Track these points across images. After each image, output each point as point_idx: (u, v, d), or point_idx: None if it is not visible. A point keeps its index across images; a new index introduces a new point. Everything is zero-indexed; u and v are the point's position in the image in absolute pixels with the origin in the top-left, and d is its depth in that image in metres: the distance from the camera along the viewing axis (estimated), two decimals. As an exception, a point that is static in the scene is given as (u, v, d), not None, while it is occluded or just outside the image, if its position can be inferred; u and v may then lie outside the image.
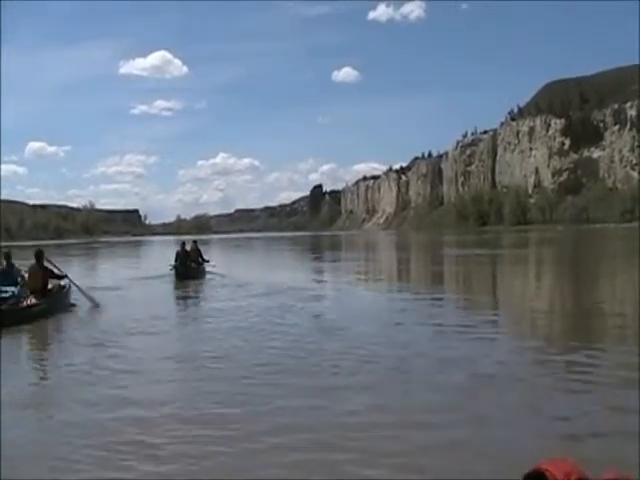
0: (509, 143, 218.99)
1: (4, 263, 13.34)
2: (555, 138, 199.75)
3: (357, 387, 6.75)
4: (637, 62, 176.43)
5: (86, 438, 5.32)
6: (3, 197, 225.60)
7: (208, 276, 21.27)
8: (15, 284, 12.60)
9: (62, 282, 14.02)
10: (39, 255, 13.26)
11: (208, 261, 22.64)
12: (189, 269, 20.76)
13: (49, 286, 13.30)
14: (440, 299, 15.26)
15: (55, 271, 13.72)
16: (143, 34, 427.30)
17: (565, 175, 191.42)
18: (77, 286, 14.38)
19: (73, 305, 13.90)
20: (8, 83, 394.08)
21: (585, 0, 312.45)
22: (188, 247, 21.91)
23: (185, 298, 17.00)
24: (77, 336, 10.48)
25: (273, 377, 7.20)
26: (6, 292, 12.07)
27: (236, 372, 7.52)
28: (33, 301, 12.31)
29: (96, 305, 13.83)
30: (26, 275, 13.11)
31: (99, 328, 11.08)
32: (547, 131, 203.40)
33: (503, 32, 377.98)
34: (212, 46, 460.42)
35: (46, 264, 13.58)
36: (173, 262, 20.78)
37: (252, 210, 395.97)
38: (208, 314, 13.14)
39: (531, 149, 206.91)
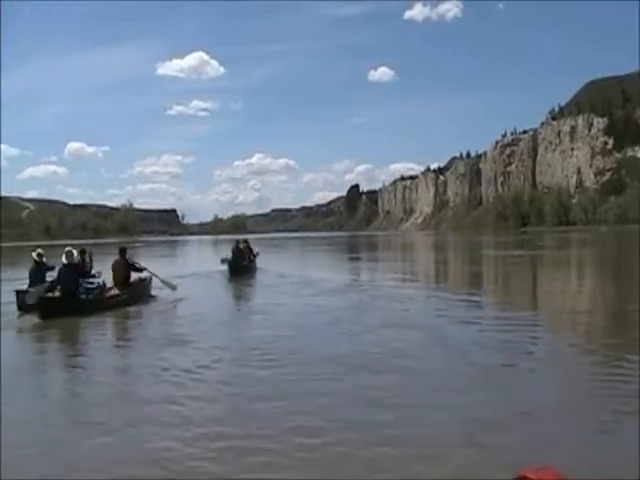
0: (550, 143, 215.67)
1: (78, 258, 14.29)
2: (597, 137, 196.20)
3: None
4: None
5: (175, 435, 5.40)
6: (43, 197, 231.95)
7: (258, 272, 23.08)
8: (86, 275, 13.68)
9: (142, 275, 15.37)
10: (123, 251, 14.74)
11: (258, 254, 25.21)
12: (242, 266, 22.35)
13: (131, 279, 14.78)
14: (494, 304, 15.22)
15: (136, 265, 15.05)
16: (180, 35, 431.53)
17: (608, 175, 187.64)
18: (155, 275, 15.70)
19: (152, 296, 15.17)
20: (48, 84, 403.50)
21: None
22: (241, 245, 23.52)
23: (242, 295, 17.84)
24: (155, 327, 11.29)
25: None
26: (92, 283, 13.39)
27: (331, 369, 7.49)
28: (116, 292, 13.78)
29: (173, 288, 15.36)
30: (95, 268, 14.54)
31: (177, 318, 11.92)
32: (589, 130, 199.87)
33: (541, 31, 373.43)
34: (248, 47, 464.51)
35: (128, 258, 15.01)
36: (229, 258, 22.34)
37: (288, 210, 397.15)
38: (266, 310, 13.34)
39: (573, 149, 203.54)
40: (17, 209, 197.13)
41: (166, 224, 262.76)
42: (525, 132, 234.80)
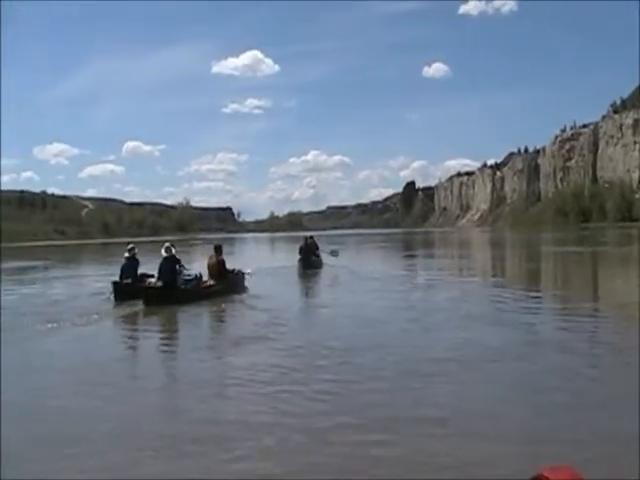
0: (611, 136, 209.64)
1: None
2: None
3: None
4: None
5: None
6: (101, 195, 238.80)
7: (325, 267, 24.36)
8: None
9: (236, 269, 16.56)
10: (218, 249, 15.84)
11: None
12: (311, 260, 24.00)
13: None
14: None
15: (226, 265, 15.86)
16: (235, 34, 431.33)
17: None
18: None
19: (245, 288, 16.11)
20: (106, 85, 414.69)
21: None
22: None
23: (318, 291, 18.55)
24: (248, 321, 11.56)
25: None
26: (189, 275, 14.64)
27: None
28: (211, 283, 14.97)
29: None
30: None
31: (267, 311, 12.32)
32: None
33: (600, 24, 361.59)
34: (302, 45, 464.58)
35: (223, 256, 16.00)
36: (298, 255, 24.06)
37: (344, 207, 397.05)
38: (340, 304, 13.85)
39: (635, 142, 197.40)
40: (77, 208, 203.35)
41: (222, 222, 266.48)
42: (585, 126, 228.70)
